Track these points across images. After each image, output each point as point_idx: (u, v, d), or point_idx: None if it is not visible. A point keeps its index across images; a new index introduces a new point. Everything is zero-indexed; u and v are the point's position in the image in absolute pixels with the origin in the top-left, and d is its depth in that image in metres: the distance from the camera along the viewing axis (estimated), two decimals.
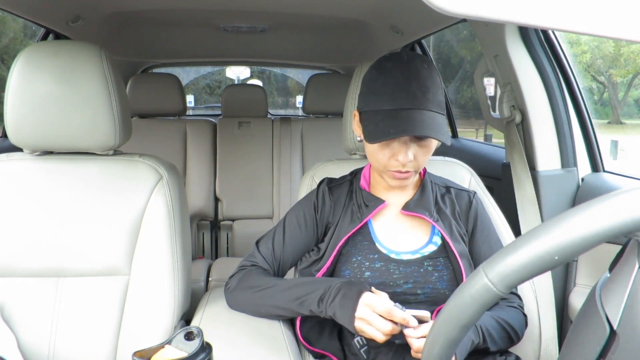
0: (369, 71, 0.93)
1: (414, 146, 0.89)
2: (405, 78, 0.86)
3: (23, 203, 1.04)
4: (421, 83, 0.86)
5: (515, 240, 0.47)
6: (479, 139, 5.58)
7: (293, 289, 0.93)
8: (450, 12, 0.37)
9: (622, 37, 0.39)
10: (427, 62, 0.90)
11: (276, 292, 0.94)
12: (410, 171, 0.91)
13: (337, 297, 0.85)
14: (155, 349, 0.90)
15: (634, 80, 10.64)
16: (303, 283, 0.93)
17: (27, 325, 1.00)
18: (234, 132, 2.47)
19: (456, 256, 0.93)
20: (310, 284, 0.92)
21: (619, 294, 0.45)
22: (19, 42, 6.90)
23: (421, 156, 0.91)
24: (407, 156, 0.88)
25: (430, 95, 0.86)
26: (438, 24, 1.75)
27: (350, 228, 0.96)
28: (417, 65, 0.88)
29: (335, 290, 0.87)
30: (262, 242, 1.04)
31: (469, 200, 1.03)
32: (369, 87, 0.92)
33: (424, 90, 0.86)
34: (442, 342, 0.51)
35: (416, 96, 0.85)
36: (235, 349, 0.89)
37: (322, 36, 2.32)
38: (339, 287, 0.87)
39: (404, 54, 0.91)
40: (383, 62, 0.91)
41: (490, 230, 1.03)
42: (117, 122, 1.05)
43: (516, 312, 0.98)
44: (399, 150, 0.89)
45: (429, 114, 0.86)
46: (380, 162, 0.92)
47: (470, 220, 1.01)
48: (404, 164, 0.89)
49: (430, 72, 0.88)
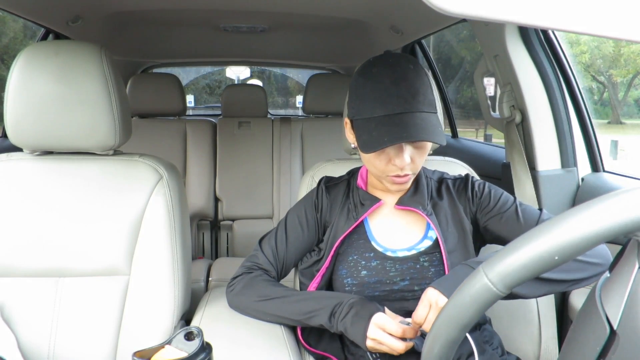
0: (355, 78, 0.91)
1: (409, 149, 0.88)
2: (393, 82, 0.84)
3: (23, 203, 1.04)
4: (410, 84, 0.85)
5: (515, 240, 0.46)
6: (479, 139, 5.58)
7: (302, 303, 0.92)
8: (450, 12, 0.37)
9: (622, 37, 0.39)
10: (413, 63, 0.88)
11: (285, 304, 0.94)
12: (409, 174, 0.91)
13: (348, 315, 0.86)
14: (155, 349, 0.89)
15: (634, 80, 10.63)
16: (313, 297, 0.93)
17: (27, 325, 1.00)
18: (234, 132, 2.47)
19: (442, 252, 0.92)
20: (321, 298, 0.92)
21: (619, 294, 0.45)
22: (19, 42, 6.90)
23: (418, 158, 0.90)
24: (404, 160, 0.87)
25: (421, 97, 0.85)
26: (438, 24, 1.75)
27: (346, 227, 0.96)
28: (403, 67, 0.86)
29: (347, 307, 0.87)
30: (264, 242, 1.04)
31: (465, 184, 1.01)
32: (357, 94, 0.90)
33: (414, 92, 0.85)
34: (442, 342, 0.51)
35: (407, 99, 0.84)
36: (236, 349, 0.89)
37: (322, 36, 2.32)
38: (351, 304, 0.87)
39: (388, 56, 0.89)
40: (368, 68, 0.89)
41: (502, 198, 0.97)
42: (117, 122, 1.05)
43: None
44: (395, 155, 0.88)
45: (421, 116, 0.84)
46: (378, 168, 0.91)
47: (473, 201, 0.98)
48: (401, 168, 0.88)
49: (418, 72, 0.87)
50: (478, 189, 0.99)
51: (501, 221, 0.95)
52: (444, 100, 2.36)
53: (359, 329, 0.83)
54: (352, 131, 0.95)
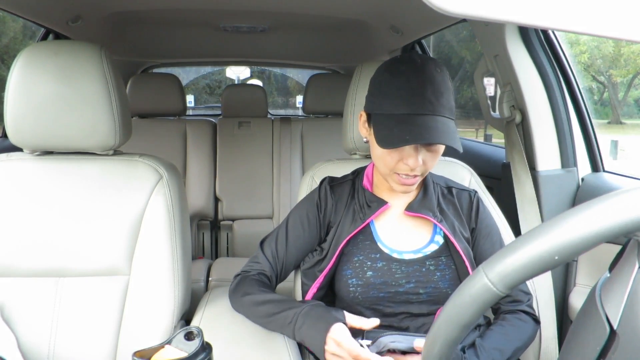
0: (381, 73, 0.91)
1: (423, 151, 0.88)
2: (421, 83, 0.85)
3: (23, 203, 1.04)
4: (435, 88, 0.85)
5: (515, 240, 0.46)
6: (479, 139, 5.59)
7: (267, 305, 0.93)
8: (450, 12, 0.37)
9: (622, 37, 0.39)
10: (440, 67, 0.89)
11: (250, 304, 0.95)
12: (417, 175, 0.91)
13: (304, 325, 0.86)
14: (155, 349, 0.89)
15: (634, 80, 10.64)
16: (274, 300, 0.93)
17: (27, 325, 1.00)
18: (234, 132, 2.47)
19: (461, 254, 0.93)
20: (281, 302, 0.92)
21: (619, 294, 0.45)
22: (19, 42, 6.90)
23: (430, 161, 0.90)
24: (418, 161, 0.87)
25: (444, 101, 0.86)
26: (438, 24, 1.75)
27: (352, 228, 0.96)
28: (431, 69, 0.86)
29: (303, 317, 0.87)
30: (265, 243, 1.04)
31: (470, 200, 1.03)
32: (381, 89, 0.90)
33: (438, 96, 0.85)
34: (441, 342, 0.51)
35: (431, 102, 0.84)
36: (236, 349, 0.89)
37: (322, 36, 2.32)
38: (307, 312, 0.87)
39: (416, 57, 0.89)
40: (396, 65, 0.89)
41: (493, 228, 1.03)
42: (117, 122, 1.05)
43: (523, 327, 0.95)
44: (410, 154, 0.88)
45: (442, 120, 0.85)
46: (388, 165, 0.91)
47: (472, 219, 1.01)
48: (413, 169, 0.88)
49: (444, 77, 0.88)
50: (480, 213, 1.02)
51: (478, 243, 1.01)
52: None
53: (316, 342, 0.83)
54: (366, 125, 0.95)
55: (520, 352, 0.94)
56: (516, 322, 0.95)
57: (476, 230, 1.01)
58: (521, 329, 0.94)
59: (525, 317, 0.96)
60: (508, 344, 0.91)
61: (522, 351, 0.94)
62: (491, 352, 0.88)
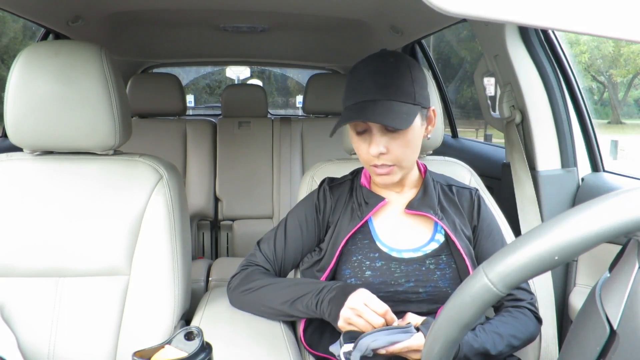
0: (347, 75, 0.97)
1: (384, 139, 0.90)
2: (368, 73, 0.90)
3: (23, 203, 1.04)
4: (383, 76, 0.89)
5: (515, 240, 0.47)
6: (479, 139, 5.58)
7: (292, 288, 0.93)
8: (450, 12, 0.37)
9: (622, 37, 0.39)
10: (394, 56, 0.92)
11: (270, 291, 0.95)
12: (388, 165, 0.91)
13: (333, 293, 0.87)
14: (155, 349, 0.90)
15: (634, 80, 10.64)
16: (304, 282, 0.94)
17: (27, 325, 1.00)
18: (234, 132, 2.47)
19: (461, 253, 0.93)
20: (310, 284, 0.92)
21: (619, 294, 0.45)
22: (19, 42, 6.90)
23: (397, 149, 0.90)
24: (379, 148, 0.89)
25: (393, 88, 0.88)
26: (438, 24, 1.75)
27: (350, 227, 0.96)
28: (382, 61, 0.91)
29: (331, 290, 0.88)
30: (263, 242, 1.04)
31: (471, 198, 1.03)
32: (345, 89, 0.95)
33: (387, 83, 0.88)
34: (442, 342, 0.51)
35: (377, 89, 0.88)
36: (236, 349, 0.89)
37: (322, 36, 2.32)
38: (339, 286, 0.88)
39: (378, 53, 0.94)
40: (355, 65, 0.94)
41: (494, 227, 1.02)
42: (117, 122, 1.05)
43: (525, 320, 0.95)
44: (373, 142, 0.90)
45: (389, 104, 0.87)
46: (361, 157, 0.95)
47: (474, 217, 1.01)
48: (376, 156, 0.90)
49: (396, 64, 0.90)
50: (481, 211, 1.02)
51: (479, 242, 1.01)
52: (444, 100, 2.35)
53: (339, 303, 0.84)
54: None
55: (520, 345, 0.92)
56: (518, 315, 0.95)
57: (478, 229, 1.00)
58: (523, 322, 0.94)
59: (528, 313, 0.96)
60: (508, 331, 0.91)
61: (521, 343, 0.93)
62: (491, 334, 0.88)
